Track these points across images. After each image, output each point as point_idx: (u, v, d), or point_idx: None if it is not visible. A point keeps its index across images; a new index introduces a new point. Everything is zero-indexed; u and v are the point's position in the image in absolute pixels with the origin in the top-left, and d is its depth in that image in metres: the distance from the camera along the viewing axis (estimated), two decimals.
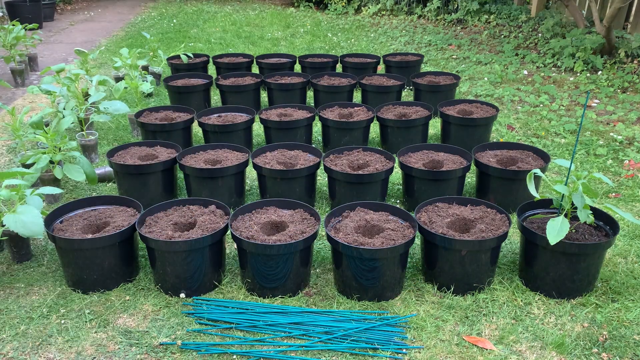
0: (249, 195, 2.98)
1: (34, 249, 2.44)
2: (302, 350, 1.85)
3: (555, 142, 3.58)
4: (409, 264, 2.31)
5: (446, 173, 2.65)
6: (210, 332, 1.94)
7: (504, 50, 5.79)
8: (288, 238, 2.07)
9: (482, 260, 2.09)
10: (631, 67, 4.78)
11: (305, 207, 2.31)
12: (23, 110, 3.07)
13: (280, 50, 6.24)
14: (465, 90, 4.72)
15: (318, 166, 2.78)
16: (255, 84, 4.07)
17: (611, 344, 1.88)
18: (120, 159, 2.84)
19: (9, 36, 4.66)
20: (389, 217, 2.28)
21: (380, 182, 2.70)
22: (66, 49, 6.52)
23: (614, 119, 3.92)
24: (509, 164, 2.79)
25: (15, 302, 2.10)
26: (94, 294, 2.15)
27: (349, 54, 4.89)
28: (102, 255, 2.10)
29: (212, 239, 2.08)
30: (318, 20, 8.07)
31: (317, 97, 4.09)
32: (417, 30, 7.08)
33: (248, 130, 3.39)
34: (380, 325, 1.94)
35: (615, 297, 2.11)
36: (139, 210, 2.34)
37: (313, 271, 2.29)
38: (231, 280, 2.23)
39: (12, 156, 3.39)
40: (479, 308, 2.06)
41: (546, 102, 4.29)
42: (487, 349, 1.85)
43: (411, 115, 3.42)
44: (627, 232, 2.55)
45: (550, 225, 1.95)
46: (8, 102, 4.52)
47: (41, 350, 1.86)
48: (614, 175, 3.13)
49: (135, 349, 1.86)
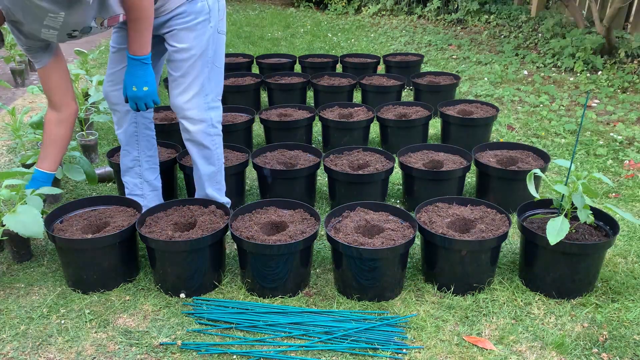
0: (248, 195, 2.98)
1: (34, 249, 2.44)
2: (302, 350, 1.85)
3: (555, 142, 3.58)
4: (409, 264, 2.31)
5: (446, 173, 2.65)
6: (210, 332, 1.94)
7: (504, 50, 5.80)
8: (288, 238, 2.07)
9: (482, 260, 2.09)
10: (631, 67, 4.78)
11: (305, 207, 2.32)
12: (23, 110, 3.07)
13: (280, 50, 6.24)
14: (465, 90, 4.72)
15: (318, 166, 2.79)
16: (255, 84, 4.07)
17: (611, 344, 1.88)
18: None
19: (9, 36, 4.66)
20: (389, 217, 2.28)
21: (380, 182, 2.70)
22: (66, 49, 6.50)
23: (614, 119, 3.92)
24: (509, 164, 2.79)
25: (15, 302, 2.10)
26: (94, 294, 2.15)
27: (349, 54, 4.89)
28: (102, 255, 2.10)
29: (212, 239, 2.08)
30: (318, 20, 8.08)
31: (317, 97, 4.09)
32: (417, 30, 7.08)
33: (248, 130, 3.39)
34: (380, 325, 1.94)
35: (615, 297, 2.11)
36: (139, 210, 2.34)
37: (313, 271, 2.29)
38: (231, 280, 2.23)
39: (12, 156, 3.39)
40: (479, 308, 2.06)
41: (546, 102, 4.29)
42: (487, 349, 1.85)
43: (411, 115, 3.42)
44: (627, 232, 2.55)
45: (550, 225, 1.95)
46: (8, 102, 4.52)
47: (41, 350, 1.86)
48: (614, 176, 3.13)
49: (135, 349, 1.86)
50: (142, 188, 2.57)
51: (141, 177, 2.55)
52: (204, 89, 2.24)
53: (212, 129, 2.32)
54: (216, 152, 2.38)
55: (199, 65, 2.20)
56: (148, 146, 2.53)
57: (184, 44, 2.15)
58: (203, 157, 2.36)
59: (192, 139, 2.30)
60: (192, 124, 2.26)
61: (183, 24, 2.13)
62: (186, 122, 2.26)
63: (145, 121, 2.48)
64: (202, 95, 2.24)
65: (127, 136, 2.46)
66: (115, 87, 2.34)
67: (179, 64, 2.18)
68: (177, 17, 2.13)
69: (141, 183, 2.56)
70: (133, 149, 2.49)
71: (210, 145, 2.34)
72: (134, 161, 2.52)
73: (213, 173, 2.41)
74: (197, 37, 2.16)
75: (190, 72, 2.19)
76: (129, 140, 2.47)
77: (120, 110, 2.39)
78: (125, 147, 2.50)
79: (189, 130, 2.28)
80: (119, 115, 2.41)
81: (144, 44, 2.01)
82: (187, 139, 2.32)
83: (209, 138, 2.32)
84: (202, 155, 2.35)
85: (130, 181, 2.56)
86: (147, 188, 2.58)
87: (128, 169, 2.55)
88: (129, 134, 2.45)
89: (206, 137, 2.31)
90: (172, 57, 2.19)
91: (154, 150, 2.58)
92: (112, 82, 2.34)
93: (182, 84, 2.20)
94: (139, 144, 2.49)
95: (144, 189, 2.58)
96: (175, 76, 2.20)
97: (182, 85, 2.20)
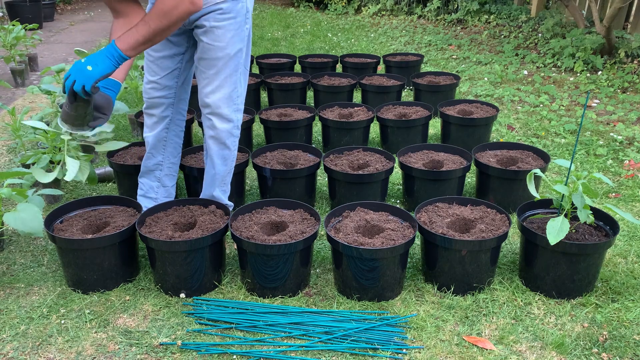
0: (248, 195, 2.98)
1: (34, 249, 2.44)
2: (302, 350, 1.85)
3: (555, 142, 3.58)
4: (409, 264, 2.31)
5: (446, 173, 2.65)
6: (210, 332, 1.94)
7: (504, 50, 5.80)
8: (288, 238, 2.07)
9: (482, 260, 2.09)
10: (631, 67, 4.78)
11: (305, 207, 2.32)
12: (23, 110, 3.07)
13: (280, 50, 6.24)
14: (465, 90, 4.72)
15: (318, 166, 2.79)
16: (255, 84, 4.07)
17: (611, 344, 1.88)
18: (120, 159, 2.84)
19: (9, 36, 4.66)
20: (389, 217, 2.28)
21: (380, 182, 2.70)
22: (66, 49, 6.52)
23: (614, 119, 3.92)
24: (509, 164, 2.79)
25: (15, 302, 2.10)
26: (94, 294, 2.15)
27: (349, 54, 4.89)
28: (102, 255, 2.10)
29: (212, 239, 2.08)
30: (318, 20, 8.07)
31: (317, 97, 4.09)
32: (417, 30, 7.08)
33: (248, 130, 3.39)
34: (380, 325, 1.94)
35: (615, 297, 2.11)
36: (139, 210, 2.34)
37: (313, 271, 2.29)
38: (231, 280, 2.23)
39: (12, 156, 3.39)
40: (479, 308, 2.06)
41: (546, 102, 4.29)
42: (487, 349, 1.85)
43: (411, 115, 3.42)
44: (627, 232, 2.55)
45: (550, 225, 1.95)
46: (8, 102, 4.52)
47: (41, 350, 1.86)
48: (614, 176, 3.13)
49: (135, 349, 1.86)
50: (157, 192, 2.58)
51: (159, 182, 2.56)
52: (235, 90, 2.25)
53: (236, 130, 2.33)
54: (233, 154, 2.40)
55: (232, 65, 2.20)
56: (174, 153, 2.54)
57: (221, 42, 2.15)
58: (222, 157, 2.36)
59: (216, 136, 2.30)
60: (221, 122, 2.26)
61: (222, 21, 2.13)
62: (215, 119, 2.26)
63: (177, 129, 2.49)
64: (233, 95, 2.25)
65: (156, 140, 2.46)
66: (160, 93, 2.36)
67: (213, 62, 2.17)
68: (215, 13, 2.12)
69: (158, 187, 2.56)
70: (159, 153, 2.50)
71: (231, 145, 2.35)
72: (157, 165, 2.52)
73: (226, 174, 2.42)
74: (233, 37, 2.17)
75: (223, 71, 2.19)
76: (157, 145, 2.48)
77: (158, 114, 2.41)
78: (150, 150, 2.49)
79: (216, 128, 2.27)
80: (155, 119, 2.43)
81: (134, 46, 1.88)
82: (211, 136, 2.31)
83: (231, 138, 2.33)
84: (222, 155, 2.36)
85: (147, 183, 2.56)
86: (163, 193, 2.59)
87: (148, 171, 2.54)
88: (159, 138, 2.46)
89: (229, 137, 2.32)
90: (206, 54, 2.18)
91: (178, 158, 2.58)
92: (156, 86, 2.35)
93: (214, 82, 2.20)
94: (165, 149, 2.49)
95: (159, 194, 2.58)
96: (209, 73, 2.20)
97: (215, 83, 2.20)
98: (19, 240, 2.53)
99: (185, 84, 2.44)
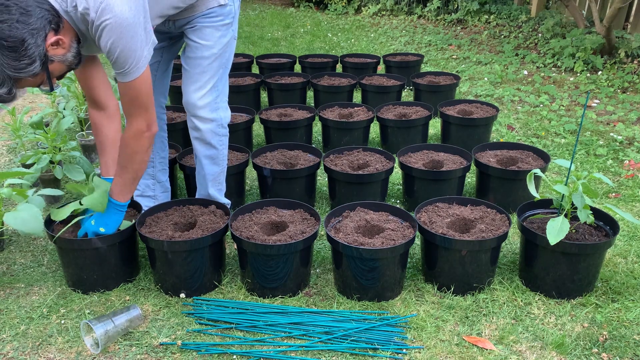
0: (248, 195, 2.98)
1: (34, 249, 2.44)
2: (302, 350, 1.85)
3: (555, 142, 3.58)
4: (409, 264, 2.31)
5: (446, 173, 2.65)
6: (210, 332, 1.94)
7: (504, 50, 5.79)
8: (288, 238, 2.07)
9: (482, 260, 2.09)
10: (631, 67, 4.78)
11: (305, 207, 2.32)
12: (23, 110, 3.07)
13: (280, 50, 6.24)
14: (465, 90, 4.72)
15: (318, 166, 2.79)
16: (255, 84, 4.07)
17: (611, 344, 1.88)
18: None
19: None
20: (389, 217, 2.28)
21: (380, 182, 2.70)
22: None
23: (614, 119, 3.92)
24: (509, 164, 2.79)
25: (15, 302, 2.10)
26: (94, 294, 2.15)
27: (349, 54, 4.89)
28: (102, 255, 2.10)
29: (212, 239, 2.08)
30: (318, 20, 8.07)
31: (317, 97, 4.09)
32: (417, 30, 7.08)
33: (248, 130, 3.39)
34: (380, 325, 1.94)
35: (615, 297, 2.11)
36: (139, 210, 2.34)
37: (313, 271, 2.29)
38: (231, 280, 2.23)
39: (12, 156, 3.39)
40: (479, 308, 2.06)
41: (546, 102, 4.29)
42: (487, 349, 1.85)
43: (411, 115, 3.42)
44: (627, 232, 2.55)
45: (550, 225, 1.95)
46: None
47: (41, 350, 1.86)
48: (614, 176, 3.13)
49: (135, 349, 1.86)
50: (155, 189, 2.58)
51: (154, 178, 2.56)
52: (216, 89, 2.26)
53: (221, 129, 2.33)
54: (222, 152, 2.39)
55: (216, 65, 2.21)
56: (162, 147, 2.54)
57: (208, 41, 2.16)
58: (209, 157, 2.36)
59: (201, 137, 2.30)
60: (202, 123, 2.27)
61: (210, 22, 2.14)
62: (197, 121, 2.26)
63: (160, 122, 2.48)
64: (214, 94, 2.25)
65: None
66: None
67: (199, 61, 2.18)
68: (204, 16, 2.14)
69: (154, 184, 2.56)
70: None
71: (218, 145, 2.35)
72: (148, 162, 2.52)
73: (217, 174, 2.42)
74: (220, 37, 2.18)
75: (207, 71, 2.20)
76: None
77: None
78: None
79: (199, 129, 2.28)
80: None
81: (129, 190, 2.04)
82: (195, 137, 2.32)
83: (217, 138, 2.33)
84: (209, 155, 2.36)
85: (142, 182, 2.56)
86: (160, 189, 2.59)
87: None
88: None
89: (214, 137, 2.31)
90: (193, 53, 2.19)
91: (166, 152, 2.59)
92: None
93: (199, 81, 2.21)
94: (154, 145, 2.48)
95: (156, 190, 2.58)
96: (193, 73, 2.20)
97: (199, 83, 2.21)
98: (19, 240, 2.53)
99: (165, 78, 2.43)
